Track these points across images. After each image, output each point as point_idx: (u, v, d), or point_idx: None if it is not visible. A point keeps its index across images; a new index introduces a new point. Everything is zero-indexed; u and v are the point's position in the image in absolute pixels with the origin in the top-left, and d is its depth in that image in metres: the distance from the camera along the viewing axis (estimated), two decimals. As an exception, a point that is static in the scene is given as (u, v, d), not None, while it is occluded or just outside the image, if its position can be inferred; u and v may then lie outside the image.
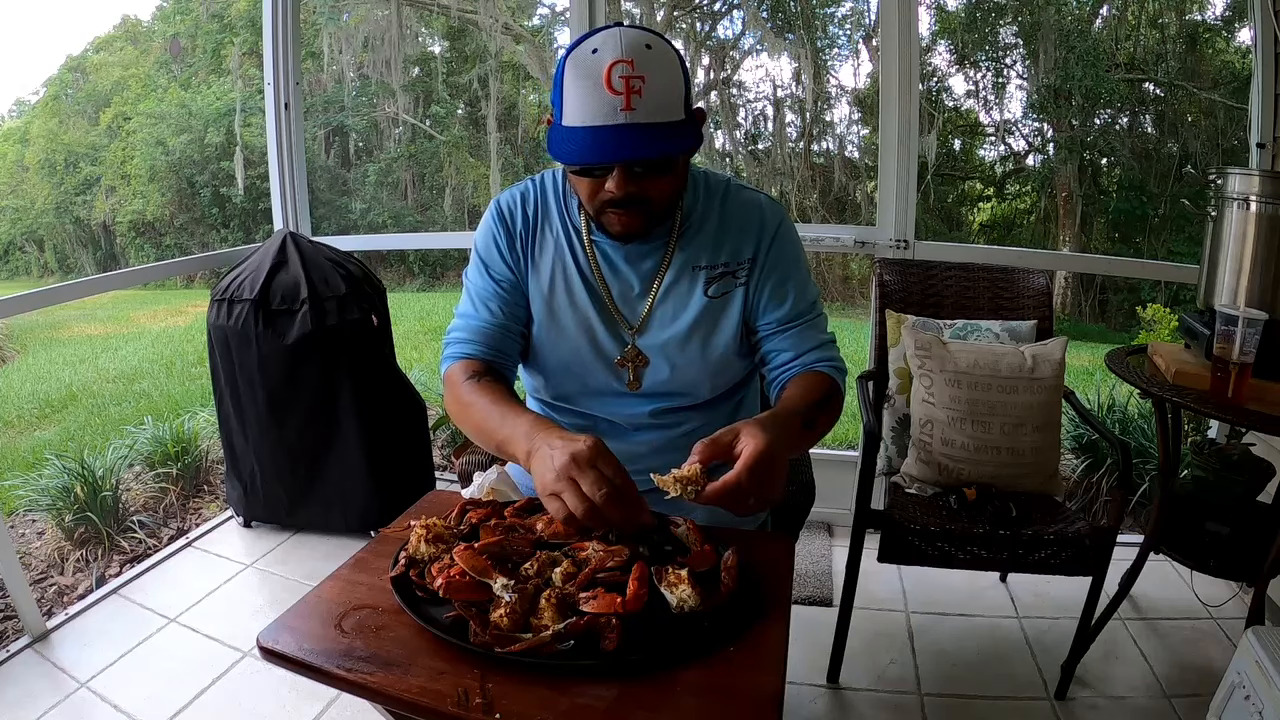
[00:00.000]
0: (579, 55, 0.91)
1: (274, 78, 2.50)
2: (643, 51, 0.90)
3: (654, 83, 0.90)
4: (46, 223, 11.61)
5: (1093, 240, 8.21)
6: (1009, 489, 1.60)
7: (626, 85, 0.88)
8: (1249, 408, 1.34)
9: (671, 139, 0.92)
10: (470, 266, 1.12)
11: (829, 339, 1.09)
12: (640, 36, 0.91)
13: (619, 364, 1.08)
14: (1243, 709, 1.23)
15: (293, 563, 2.22)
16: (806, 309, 1.08)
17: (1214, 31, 7.49)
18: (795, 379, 1.04)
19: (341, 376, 2.18)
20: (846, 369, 1.09)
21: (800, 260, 1.10)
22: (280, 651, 0.73)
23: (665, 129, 0.91)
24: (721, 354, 1.07)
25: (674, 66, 0.93)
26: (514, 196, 1.11)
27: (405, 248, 9.63)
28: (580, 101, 0.91)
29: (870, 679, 1.71)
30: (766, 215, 1.08)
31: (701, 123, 0.99)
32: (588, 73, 0.90)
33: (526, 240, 1.09)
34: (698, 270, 1.06)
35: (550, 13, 9.28)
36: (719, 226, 1.06)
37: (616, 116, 0.89)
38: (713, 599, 0.76)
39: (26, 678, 1.73)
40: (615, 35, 0.91)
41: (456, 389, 1.02)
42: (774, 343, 1.07)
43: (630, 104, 0.89)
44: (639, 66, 0.89)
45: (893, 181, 2.18)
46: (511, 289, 1.08)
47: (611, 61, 0.89)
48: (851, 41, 8.42)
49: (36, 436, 4.50)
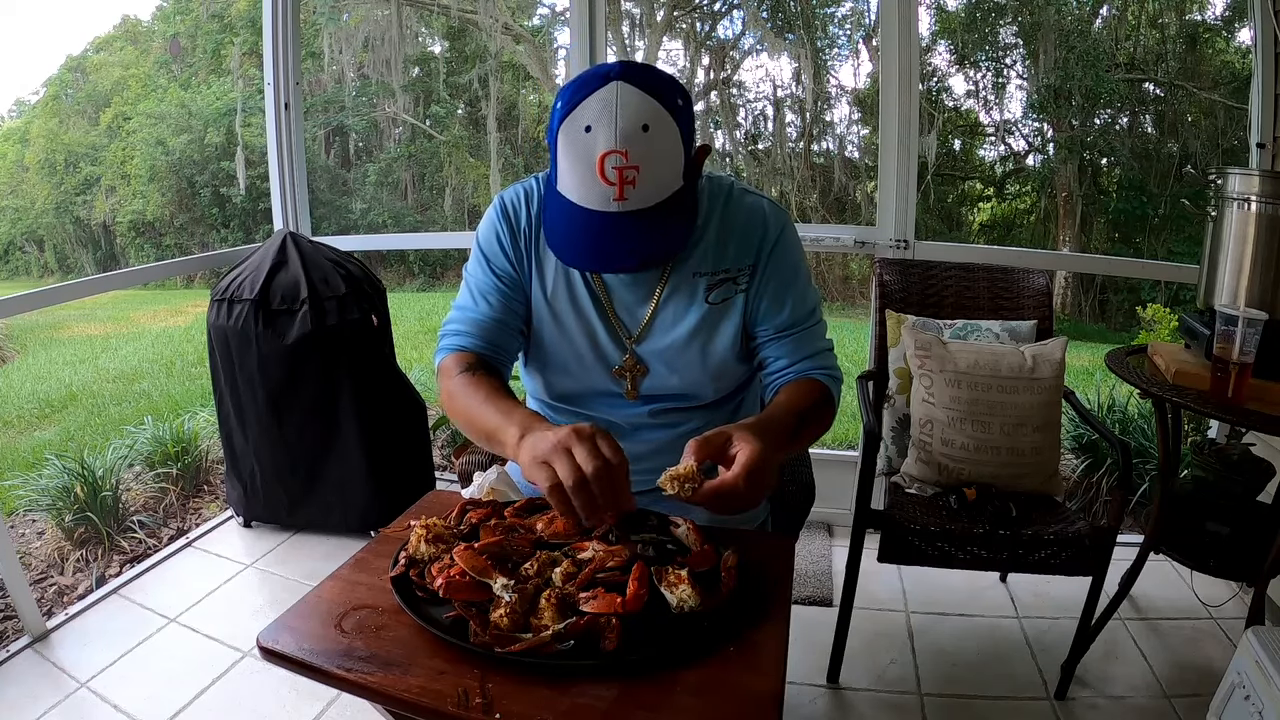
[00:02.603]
0: (572, 127, 0.89)
1: (274, 78, 2.50)
2: (638, 138, 0.87)
3: (649, 171, 0.89)
4: (46, 223, 11.61)
5: (1093, 240, 8.22)
6: (1009, 489, 1.60)
7: (620, 176, 0.88)
8: (1249, 408, 1.34)
9: (664, 230, 0.92)
10: (471, 260, 1.11)
11: (826, 346, 1.09)
12: (638, 114, 0.87)
13: (617, 373, 1.08)
14: (1243, 709, 1.23)
15: (293, 563, 2.22)
16: (804, 316, 1.07)
17: (1214, 31, 7.50)
18: (788, 385, 1.04)
19: (341, 376, 2.18)
20: (842, 377, 1.09)
21: (801, 267, 1.09)
22: (280, 651, 0.73)
23: (659, 212, 0.91)
24: (721, 359, 1.07)
25: (673, 141, 0.91)
26: (518, 194, 1.09)
27: (405, 248, 9.64)
28: (573, 179, 0.91)
29: (870, 679, 1.71)
30: (769, 221, 1.06)
31: (703, 159, 0.99)
32: (581, 153, 0.89)
33: (531, 238, 1.08)
34: (699, 277, 1.05)
35: (550, 13, 9.30)
36: (720, 232, 1.05)
37: (608, 205, 0.89)
38: (713, 599, 0.76)
39: (26, 678, 1.73)
40: (610, 110, 0.87)
41: (449, 380, 1.01)
42: (771, 349, 1.07)
43: (623, 194, 0.89)
44: (633, 157, 0.87)
45: (893, 181, 2.18)
46: (512, 285, 1.08)
47: (604, 152, 0.88)
48: (851, 41, 8.43)
49: (36, 436, 4.50)
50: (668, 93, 0.91)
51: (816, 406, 1.01)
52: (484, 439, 0.94)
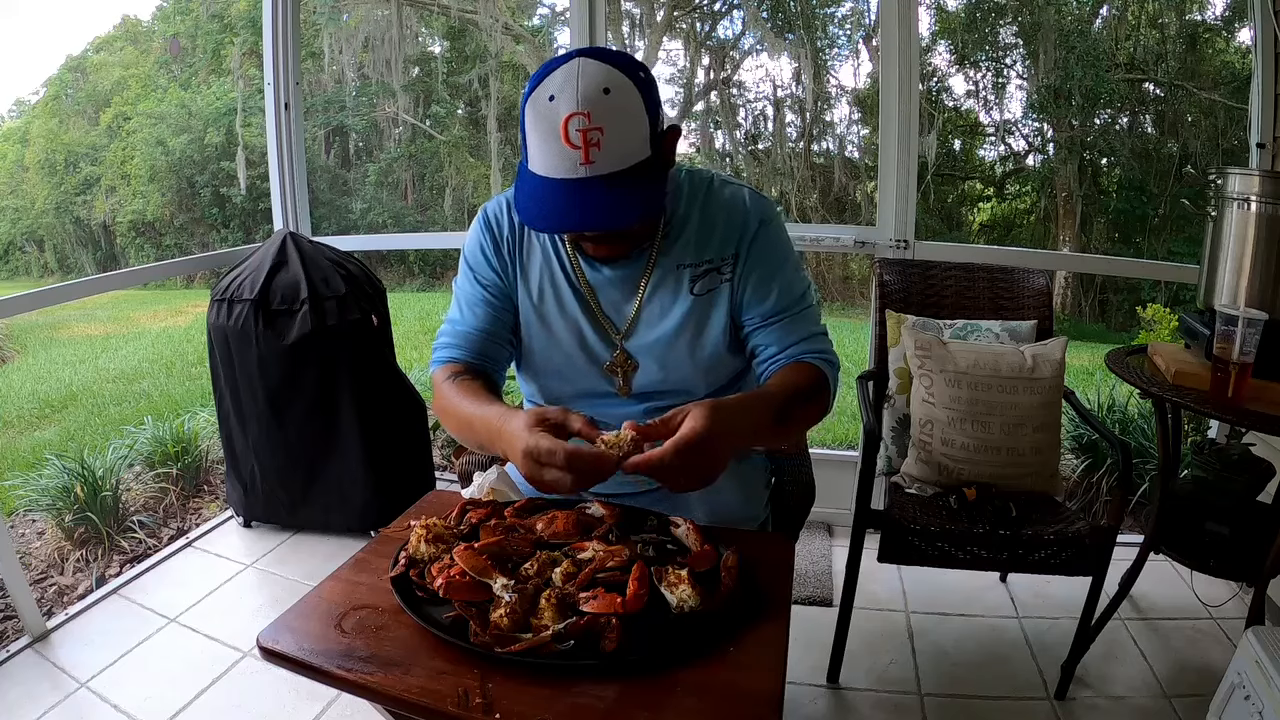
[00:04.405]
0: (537, 100, 0.90)
1: (274, 78, 2.50)
2: (600, 100, 0.87)
3: (613, 132, 0.88)
4: (46, 223, 11.60)
5: (1093, 240, 8.21)
6: (1009, 489, 1.60)
7: (584, 139, 0.87)
8: (1249, 408, 1.34)
9: (634, 194, 0.91)
10: (459, 274, 1.13)
11: (819, 331, 1.07)
12: (598, 78, 0.88)
13: (608, 369, 1.08)
14: (1243, 709, 1.23)
15: (293, 563, 2.22)
16: (793, 302, 1.05)
17: (1214, 31, 7.49)
18: (780, 370, 1.03)
19: (341, 376, 2.18)
20: (838, 362, 1.07)
21: (787, 254, 1.08)
22: (280, 651, 0.73)
23: (627, 177, 0.90)
24: (711, 352, 1.06)
25: (636, 106, 0.90)
26: (499, 204, 1.11)
27: (405, 248, 9.62)
28: (540, 151, 0.91)
29: (870, 679, 1.71)
30: (749, 210, 1.06)
31: (674, 141, 0.98)
32: (546, 123, 0.89)
33: (514, 247, 1.09)
34: (683, 269, 1.05)
35: (550, 13, 9.30)
36: (700, 225, 1.05)
37: (576, 170, 0.88)
38: (713, 599, 0.76)
39: (26, 678, 1.73)
40: (573, 79, 0.88)
41: (439, 390, 1.04)
42: (760, 337, 1.06)
43: (589, 157, 0.88)
44: (596, 118, 0.87)
45: (893, 181, 2.18)
46: (499, 294, 1.09)
47: (567, 115, 0.87)
48: (851, 41, 8.43)
49: (36, 436, 4.50)
50: (629, 66, 0.92)
51: (808, 389, 1.00)
52: (473, 437, 0.96)
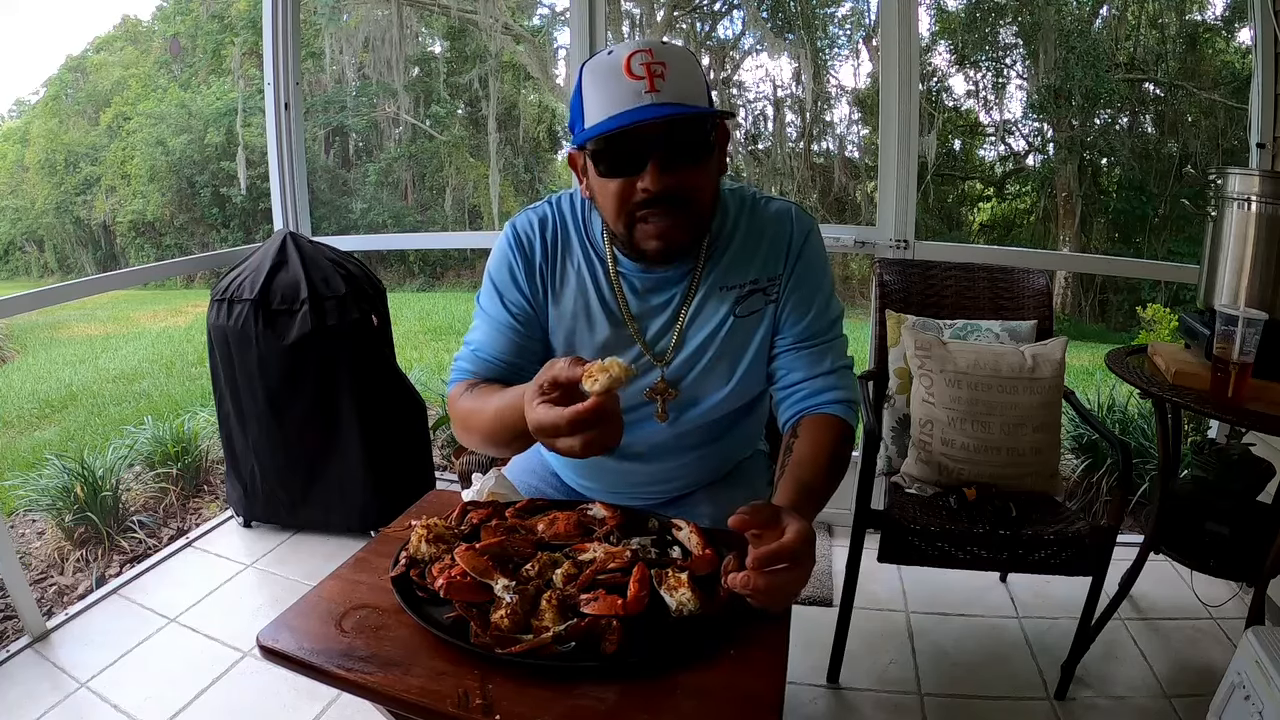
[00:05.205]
0: (595, 61, 0.90)
1: (274, 78, 2.50)
2: (660, 46, 0.88)
3: (675, 69, 0.87)
4: (46, 223, 11.61)
5: (1093, 240, 8.21)
6: (1009, 489, 1.60)
7: (648, 70, 0.86)
8: (1249, 408, 1.34)
9: (699, 118, 0.89)
10: (483, 292, 1.06)
11: (845, 364, 1.04)
12: (655, 38, 0.92)
13: (648, 396, 1.04)
14: (1243, 709, 1.23)
15: (293, 563, 2.22)
16: (825, 328, 1.03)
17: (1214, 31, 7.50)
18: (806, 430, 0.98)
19: (341, 376, 2.18)
20: (859, 399, 1.04)
21: (826, 273, 1.05)
22: (280, 651, 0.73)
23: (692, 113, 0.87)
24: (745, 374, 1.03)
25: (695, 63, 0.91)
26: (530, 222, 1.04)
27: (405, 248, 9.64)
28: (601, 96, 0.88)
29: (870, 679, 1.71)
30: (795, 226, 1.03)
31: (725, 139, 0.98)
32: (607, 68, 0.88)
33: (546, 271, 1.03)
34: (726, 290, 1.01)
35: (550, 13, 9.30)
36: (746, 242, 1.02)
37: (642, 99, 0.85)
38: (712, 603, 0.76)
39: (26, 678, 1.72)
40: (629, 41, 0.90)
41: (456, 404, 0.99)
42: (787, 360, 1.02)
43: (654, 86, 0.85)
44: (658, 55, 0.87)
45: (893, 181, 2.18)
46: (527, 321, 1.03)
47: (630, 52, 0.87)
48: (851, 41, 8.43)
49: (36, 436, 4.50)
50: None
51: (838, 457, 0.96)
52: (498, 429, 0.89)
